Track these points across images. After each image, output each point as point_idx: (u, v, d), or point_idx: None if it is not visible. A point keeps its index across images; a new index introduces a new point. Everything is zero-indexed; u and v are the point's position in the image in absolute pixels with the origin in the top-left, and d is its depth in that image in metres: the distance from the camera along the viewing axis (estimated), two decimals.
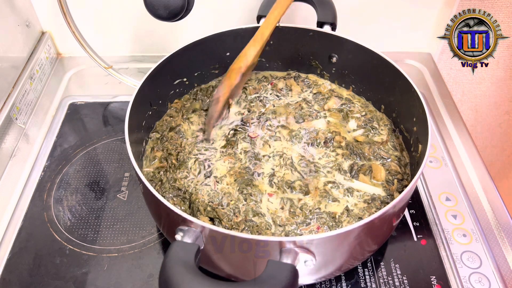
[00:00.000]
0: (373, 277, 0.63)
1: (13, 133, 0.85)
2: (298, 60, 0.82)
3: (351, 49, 0.73)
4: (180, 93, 0.78)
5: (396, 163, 0.66)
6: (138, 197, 0.75)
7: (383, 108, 0.75)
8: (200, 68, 0.79)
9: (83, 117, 0.91)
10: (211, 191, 0.63)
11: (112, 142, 0.85)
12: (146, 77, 0.66)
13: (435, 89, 0.97)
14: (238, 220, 0.59)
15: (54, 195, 0.76)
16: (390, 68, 0.68)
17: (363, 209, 0.61)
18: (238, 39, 0.78)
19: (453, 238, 0.67)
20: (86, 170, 0.80)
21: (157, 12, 0.66)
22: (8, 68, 0.88)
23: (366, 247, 0.57)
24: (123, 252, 0.67)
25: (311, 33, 0.76)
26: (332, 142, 0.69)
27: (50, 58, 1.03)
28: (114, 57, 0.99)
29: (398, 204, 0.51)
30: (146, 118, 0.70)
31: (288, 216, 0.60)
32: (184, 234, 0.47)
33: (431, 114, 0.89)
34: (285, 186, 0.63)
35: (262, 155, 0.68)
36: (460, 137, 0.85)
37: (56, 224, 0.71)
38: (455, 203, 0.73)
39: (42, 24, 1.01)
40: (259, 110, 0.76)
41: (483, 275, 0.63)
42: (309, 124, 0.73)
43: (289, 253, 0.45)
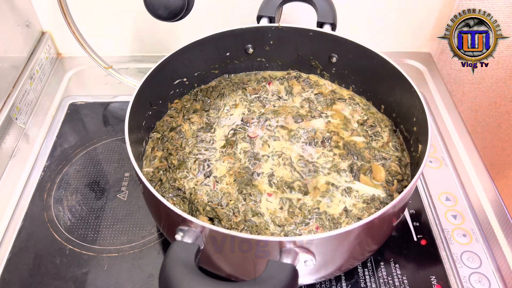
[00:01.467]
0: (373, 277, 0.63)
1: (13, 133, 0.85)
2: (298, 60, 0.82)
3: (351, 49, 0.73)
4: (180, 93, 0.78)
5: (396, 164, 0.66)
6: (138, 197, 0.75)
7: (383, 108, 0.75)
8: (200, 68, 0.79)
9: (83, 117, 0.91)
10: (210, 191, 0.63)
11: (112, 142, 0.85)
12: (146, 77, 0.66)
13: (435, 89, 0.97)
14: (238, 220, 0.59)
15: (54, 195, 0.76)
16: (390, 68, 0.68)
17: (362, 209, 0.61)
18: (238, 39, 0.78)
19: (453, 238, 0.67)
20: (86, 170, 0.80)
21: (157, 12, 0.66)
22: (8, 68, 0.88)
23: (366, 247, 0.57)
24: (123, 252, 0.67)
25: (311, 33, 0.76)
26: (329, 141, 0.69)
27: (50, 58, 1.03)
28: (114, 57, 0.99)
29: (398, 204, 0.51)
30: (146, 118, 0.70)
31: (287, 216, 0.60)
32: (184, 234, 0.47)
33: (431, 114, 0.89)
34: (285, 186, 0.63)
35: (261, 155, 0.68)
36: (460, 137, 0.85)
37: (56, 224, 0.71)
38: (455, 203, 0.73)
39: (42, 24, 1.01)
40: (259, 111, 0.76)
41: (483, 275, 0.63)
42: (307, 124, 0.73)
43: (289, 253, 0.45)
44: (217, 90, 0.79)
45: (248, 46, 0.80)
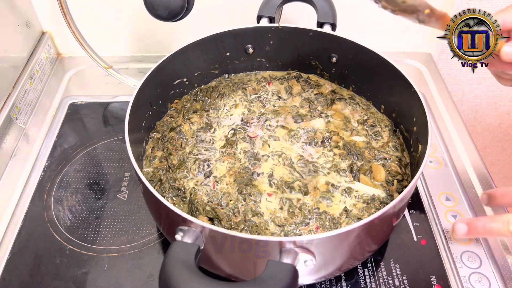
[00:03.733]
0: (373, 277, 0.63)
1: (13, 133, 0.85)
2: (298, 60, 0.82)
3: (351, 49, 0.73)
4: (180, 93, 0.78)
5: (396, 164, 0.66)
6: (138, 197, 0.75)
7: (383, 108, 0.75)
8: (200, 68, 0.79)
9: (83, 117, 0.91)
10: (210, 191, 0.63)
11: (112, 142, 0.85)
12: (146, 77, 0.66)
13: (435, 89, 0.97)
14: (238, 220, 0.59)
15: (54, 195, 0.76)
16: (390, 68, 0.68)
17: (362, 209, 0.61)
18: (238, 39, 0.78)
19: (453, 238, 0.67)
20: (86, 170, 0.80)
21: (157, 12, 0.66)
22: (8, 68, 0.88)
23: (366, 247, 0.57)
24: (123, 252, 0.67)
25: (311, 33, 0.76)
26: (329, 141, 0.69)
27: (50, 58, 1.03)
28: (114, 57, 0.99)
29: (398, 204, 0.51)
30: (146, 118, 0.70)
31: (287, 216, 0.60)
32: (184, 234, 0.47)
33: (431, 114, 0.89)
34: (284, 186, 0.63)
35: (261, 155, 0.68)
36: (460, 137, 0.85)
37: (56, 224, 0.71)
38: (455, 203, 0.73)
39: (42, 24, 1.01)
40: (259, 110, 0.76)
41: (483, 275, 0.63)
42: (307, 124, 0.73)
43: (289, 253, 0.45)
44: (217, 90, 0.79)
45: (248, 46, 0.80)
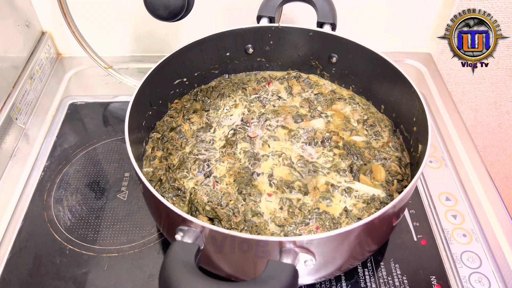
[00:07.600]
0: (373, 277, 0.63)
1: (13, 133, 0.85)
2: (298, 60, 0.82)
3: (351, 49, 0.73)
4: (180, 93, 0.78)
5: (396, 164, 0.66)
6: (138, 197, 0.75)
7: (383, 108, 0.75)
8: (200, 68, 0.79)
9: (83, 117, 0.91)
10: (210, 191, 0.63)
11: (112, 142, 0.85)
12: (146, 77, 0.66)
13: (435, 89, 0.96)
14: (238, 220, 0.59)
15: (54, 195, 0.76)
16: (390, 68, 0.68)
17: (362, 209, 0.61)
18: (238, 39, 0.78)
19: (453, 238, 0.67)
20: (86, 170, 0.80)
21: (157, 12, 0.66)
22: (8, 68, 0.88)
23: (366, 247, 0.57)
24: (123, 252, 0.67)
25: (311, 33, 0.76)
26: (329, 141, 0.69)
27: (50, 58, 1.03)
28: (114, 57, 0.99)
29: (398, 204, 0.51)
30: (146, 118, 0.70)
31: (287, 216, 0.60)
32: (184, 234, 0.47)
33: (431, 114, 0.89)
34: (284, 186, 0.63)
35: (261, 155, 0.68)
36: (460, 137, 0.85)
37: (56, 224, 0.71)
38: (455, 203, 0.73)
39: (42, 24, 1.01)
40: (259, 110, 0.76)
41: (483, 275, 0.63)
42: (307, 124, 0.73)
43: (289, 253, 0.45)
44: (217, 90, 0.79)
45: (248, 46, 0.80)
